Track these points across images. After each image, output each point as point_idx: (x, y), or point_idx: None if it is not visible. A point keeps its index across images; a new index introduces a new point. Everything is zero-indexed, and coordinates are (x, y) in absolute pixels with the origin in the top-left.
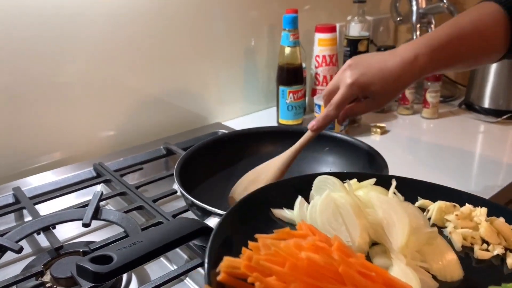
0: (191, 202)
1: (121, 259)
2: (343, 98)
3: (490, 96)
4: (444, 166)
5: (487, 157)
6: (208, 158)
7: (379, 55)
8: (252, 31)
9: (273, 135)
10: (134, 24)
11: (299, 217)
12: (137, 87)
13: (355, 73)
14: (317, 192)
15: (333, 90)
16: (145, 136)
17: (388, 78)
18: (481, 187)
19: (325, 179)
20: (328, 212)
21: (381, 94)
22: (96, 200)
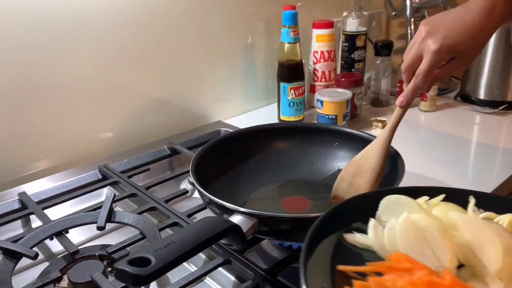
0: (209, 200)
1: (160, 261)
2: (431, 66)
3: (485, 87)
4: (448, 158)
5: (488, 148)
6: (219, 156)
7: (453, 13)
8: (249, 28)
9: (282, 131)
10: (132, 25)
11: (376, 242)
12: (136, 88)
13: (437, 38)
14: (387, 213)
15: (415, 61)
16: (146, 137)
17: (472, 33)
18: (486, 178)
19: (396, 199)
20: (410, 236)
21: (468, 51)
22: (109, 202)
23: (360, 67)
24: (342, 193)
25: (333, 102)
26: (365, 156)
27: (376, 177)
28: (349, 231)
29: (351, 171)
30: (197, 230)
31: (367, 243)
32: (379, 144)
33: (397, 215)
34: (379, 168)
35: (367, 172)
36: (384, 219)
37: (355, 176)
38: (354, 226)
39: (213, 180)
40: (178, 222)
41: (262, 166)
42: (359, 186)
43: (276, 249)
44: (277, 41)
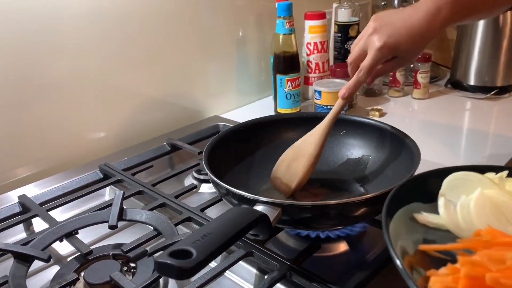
0: (226, 191)
1: (201, 253)
2: (373, 62)
3: (475, 73)
4: (445, 144)
5: (482, 133)
6: (228, 149)
7: (401, 13)
8: (240, 21)
9: (288, 122)
10: (125, 23)
11: (449, 221)
12: (130, 86)
13: (382, 35)
14: (453, 191)
15: (360, 55)
16: (144, 135)
17: (415, 35)
18: (484, 162)
19: (464, 175)
20: (487, 212)
21: (410, 52)
22: (119, 201)
23: None
24: (281, 175)
25: (331, 92)
26: (304, 143)
27: (312, 162)
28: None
29: (291, 155)
30: (229, 221)
31: (439, 222)
32: (317, 133)
33: (466, 192)
34: (315, 154)
35: (304, 157)
36: (449, 197)
37: (293, 160)
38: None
39: (224, 173)
40: (192, 217)
41: (270, 158)
42: (296, 169)
43: (292, 238)
44: (269, 33)
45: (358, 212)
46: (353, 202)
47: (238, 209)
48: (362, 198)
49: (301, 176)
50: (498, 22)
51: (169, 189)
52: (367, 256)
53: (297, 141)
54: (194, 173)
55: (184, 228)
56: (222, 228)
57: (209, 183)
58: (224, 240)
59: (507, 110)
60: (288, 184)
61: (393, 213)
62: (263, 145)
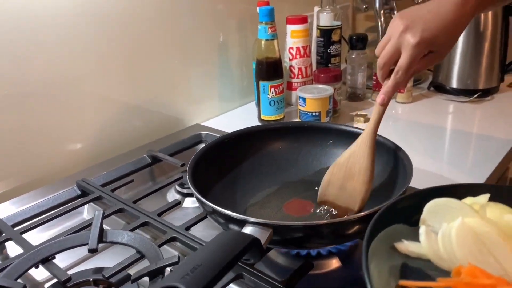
0: (212, 209)
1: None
2: (411, 60)
3: (457, 76)
4: (430, 148)
5: (468, 136)
6: (213, 163)
7: (427, 6)
8: (221, 26)
9: (273, 132)
10: (99, 27)
11: (430, 250)
12: (106, 94)
13: (416, 31)
14: (434, 217)
15: (393, 56)
16: (123, 146)
17: (448, 26)
18: (476, 167)
19: (446, 202)
20: (468, 243)
21: (446, 44)
22: (99, 221)
23: (337, 62)
24: (333, 198)
25: (316, 99)
26: (353, 157)
27: (370, 177)
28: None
29: (339, 174)
30: (218, 249)
31: (420, 251)
32: (365, 143)
33: (447, 219)
34: (371, 167)
35: (360, 173)
36: (430, 223)
37: (346, 179)
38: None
39: (209, 189)
40: (177, 237)
41: (256, 170)
42: (354, 188)
43: (282, 256)
44: (251, 38)
45: (352, 230)
46: (347, 221)
47: (227, 234)
48: (355, 216)
49: (363, 194)
50: (479, 26)
51: (151, 205)
52: (360, 272)
53: (339, 158)
54: (177, 187)
55: (169, 248)
56: (212, 258)
57: (192, 197)
58: (216, 273)
59: (490, 113)
60: (347, 207)
61: (374, 237)
62: (248, 156)
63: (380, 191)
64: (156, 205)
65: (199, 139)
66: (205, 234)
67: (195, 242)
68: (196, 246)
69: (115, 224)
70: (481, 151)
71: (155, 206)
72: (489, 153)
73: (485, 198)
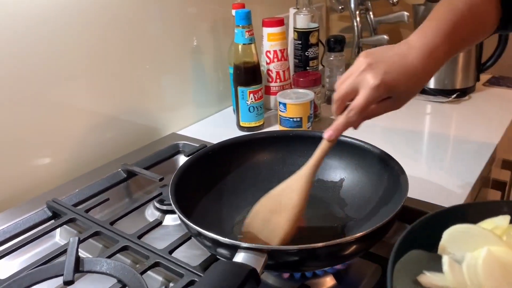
0: (197, 232)
1: None
2: (367, 102)
3: (435, 77)
4: (415, 151)
5: (446, 136)
6: (195, 179)
7: (395, 50)
8: (193, 30)
9: (258, 142)
10: (63, 33)
11: (455, 282)
12: (74, 104)
13: (378, 72)
14: (455, 245)
15: (349, 94)
16: (95, 160)
17: (413, 75)
18: (463, 169)
19: (467, 229)
20: (496, 274)
21: (406, 93)
22: (74, 249)
23: (315, 65)
24: (256, 230)
25: (297, 104)
26: (285, 191)
27: (297, 215)
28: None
29: (268, 206)
30: (218, 284)
31: (445, 284)
32: (301, 180)
33: (470, 248)
34: (301, 205)
35: (287, 209)
36: (450, 250)
37: (273, 212)
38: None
39: (193, 207)
40: (161, 262)
41: (241, 183)
42: (278, 223)
43: (274, 277)
44: (226, 42)
45: (349, 251)
46: (346, 241)
47: (222, 266)
48: (353, 237)
49: (285, 233)
50: None
51: (130, 225)
52: None
53: (273, 189)
54: (156, 203)
55: (152, 274)
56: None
57: (173, 214)
58: None
59: (469, 112)
60: (267, 242)
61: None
62: (233, 169)
63: (370, 201)
64: (134, 224)
65: (177, 149)
66: (189, 255)
67: (180, 267)
68: (181, 271)
69: (92, 248)
70: (465, 153)
71: (133, 225)
72: (473, 155)
73: (505, 220)
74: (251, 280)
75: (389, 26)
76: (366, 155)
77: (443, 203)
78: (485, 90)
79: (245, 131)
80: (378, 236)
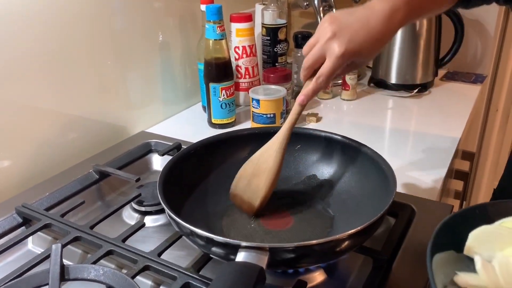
0: (190, 231)
1: None
2: (333, 69)
3: (396, 72)
4: (383, 145)
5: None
6: (180, 178)
7: (357, 14)
8: (159, 25)
9: (238, 140)
10: (22, 27)
11: (490, 282)
12: (37, 104)
13: (343, 41)
14: (483, 245)
15: (317, 61)
16: (64, 162)
17: (375, 38)
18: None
19: (495, 229)
20: None
21: (368, 56)
22: (58, 256)
23: (283, 61)
24: (241, 192)
25: (270, 100)
26: (263, 156)
27: (274, 178)
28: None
29: (249, 170)
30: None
31: (479, 284)
32: (277, 143)
33: (498, 247)
34: (276, 168)
35: (264, 173)
36: (477, 251)
37: (254, 176)
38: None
39: (181, 206)
40: (150, 265)
41: (225, 181)
42: (258, 186)
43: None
44: (193, 37)
45: (345, 246)
46: (341, 238)
47: (233, 268)
48: (349, 233)
49: (264, 193)
50: (415, 24)
51: (108, 229)
52: (347, 285)
53: (253, 154)
54: (134, 205)
55: (141, 278)
56: None
57: (153, 215)
58: None
59: (430, 106)
60: (250, 202)
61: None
62: (215, 167)
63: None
64: (112, 228)
65: (149, 148)
66: (175, 256)
67: (172, 270)
68: (173, 274)
69: (70, 256)
70: (432, 146)
71: (112, 229)
72: (440, 148)
73: None
74: (260, 279)
75: None
76: (353, 151)
77: (423, 195)
78: (443, 84)
79: (217, 128)
80: (372, 230)
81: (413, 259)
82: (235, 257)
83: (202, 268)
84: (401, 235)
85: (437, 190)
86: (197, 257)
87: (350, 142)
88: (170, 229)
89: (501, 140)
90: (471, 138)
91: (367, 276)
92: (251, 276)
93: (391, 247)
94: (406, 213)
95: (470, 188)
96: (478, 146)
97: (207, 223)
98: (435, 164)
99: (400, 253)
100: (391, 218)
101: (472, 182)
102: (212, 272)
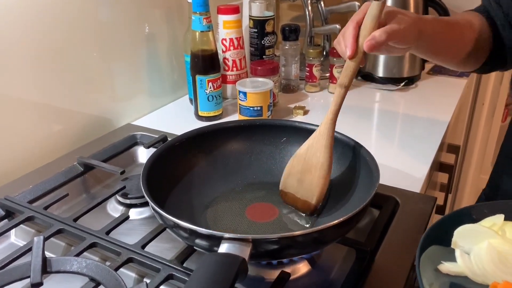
0: (173, 223)
1: None
2: (401, 31)
3: (384, 65)
4: (370, 138)
5: (405, 124)
6: (165, 170)
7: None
8: (145, 16)
9: (224, 132)
10: (1, 21)
11: (466, 269)
12: (16, 93)
13: (408, 20)
14: (464, 240)
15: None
16: (48, 154)
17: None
18: (417, 156)
19: (472, 227)
20: (495, 260)
21: (402, 46)
22: (40, 249)
23: (271, 53)
24: (293, 190)
25: (258, 93)
26: (311, 150)
27: (327, 171)
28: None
29: (298, 167)
30: (212, 280)
31: (458, 270)
32: (322, 135)
33: (475, 241)
34: (328, 162)
35: (317, 168)
36: (461, 244)
37: (304, 172)
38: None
39: (165, 199)
40: (134, 257)
41: (210, 173)
42: (312, 182)
43: (251, 266)
44: (179, 28)
45: (329, 237)
46: (325, 228)
47: (213, 258)
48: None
49: (320, 189)
50: None
51: (92, 221)
52: (331, 276)
53: (299, 149)
54: (119, 197)
55: (124, 270)
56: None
57: (137, 207)
58: None
59: (417, 99)
60: (306, 200)
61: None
62: (201, 160)
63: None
64: (96, 220)
65: (134, 140)
66: (160, 249)
67: (155, 262)
68: (157, 266)
69: (54, 248)
70: (417, 139)
71: (96, 221)
72: (425, 141)
73: (500, 218)
74: (242, 270)
75: (339, 15)
76: (338, 144)
77: (408, 187)
78: (430, 78)
79: (204, 120)
80: (354, 221)
81: (396, 250)
82: (218, 249)
83: (186, 260)
84: (384, 226)
85: (421, 182)
86: (183, 249)
87: (335, 134)
88: (155, 221)
89: (487, 133)
90: (458, 132)
91: (350, 267)
92: (232, 267)
93: (375, 238)
94: (390, 205)
95: (456, 181)
96: (464, 140)
97: (192, 215)
98: (421, 157)
99: (383, 244)
100: (375, 210)
101: (458, 175)
102: (196, 264)
